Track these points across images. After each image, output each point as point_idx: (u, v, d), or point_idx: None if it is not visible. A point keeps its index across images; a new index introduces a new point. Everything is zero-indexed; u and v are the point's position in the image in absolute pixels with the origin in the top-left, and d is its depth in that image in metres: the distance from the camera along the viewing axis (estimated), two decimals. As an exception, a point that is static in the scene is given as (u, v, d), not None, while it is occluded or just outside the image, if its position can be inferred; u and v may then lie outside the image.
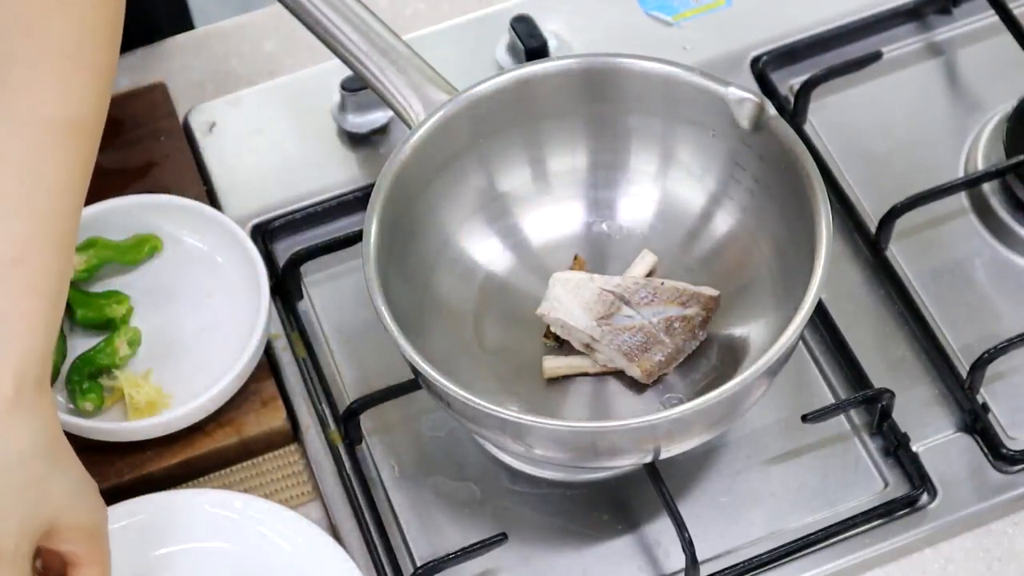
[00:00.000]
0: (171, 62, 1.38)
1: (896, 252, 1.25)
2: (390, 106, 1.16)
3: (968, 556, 1.15)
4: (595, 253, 1.21)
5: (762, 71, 1.34)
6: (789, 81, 1.35)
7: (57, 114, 0.99)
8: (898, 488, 1.16)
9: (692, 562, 1.10)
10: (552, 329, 1.15)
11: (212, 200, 1.29)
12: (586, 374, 1.16)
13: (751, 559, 1.12)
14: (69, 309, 1.21)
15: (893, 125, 1.33)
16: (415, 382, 1.13)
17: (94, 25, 1.01)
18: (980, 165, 1.29)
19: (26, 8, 0.99)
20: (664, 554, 1.14)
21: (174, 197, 1.25)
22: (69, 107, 0.99)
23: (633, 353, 1.13)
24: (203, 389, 1.16)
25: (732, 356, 1.14)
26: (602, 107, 1.19)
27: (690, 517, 1.11)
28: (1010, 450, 1.16)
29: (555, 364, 1.15)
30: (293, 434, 1.20)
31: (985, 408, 1.18)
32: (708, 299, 1.14)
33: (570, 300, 1.14)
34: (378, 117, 1.32)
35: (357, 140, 1.33)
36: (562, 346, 1.16)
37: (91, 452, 1.16)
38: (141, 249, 1.24)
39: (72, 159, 1.00)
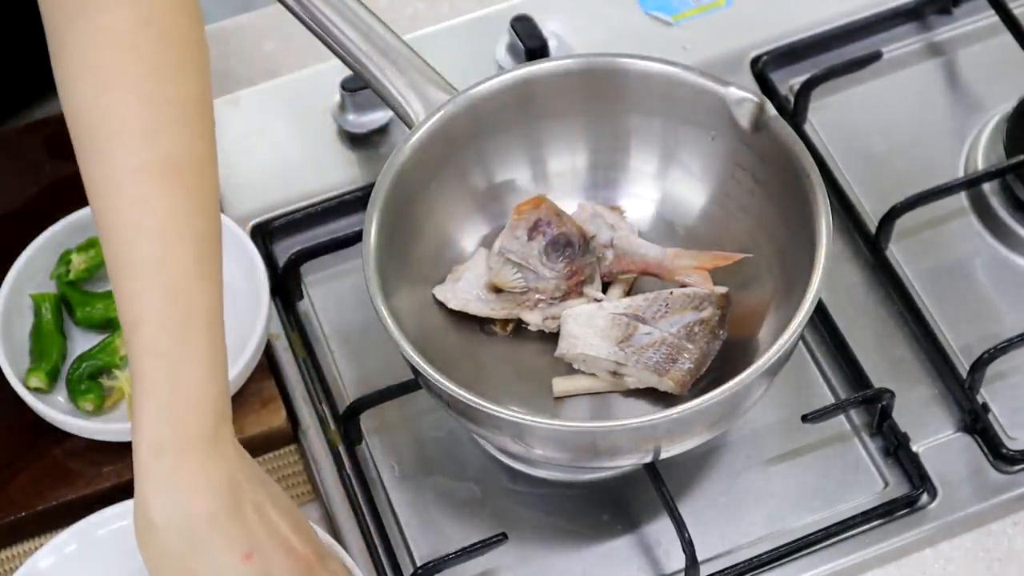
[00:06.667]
0: (171, 62, 1.38)
1: (896, 252, 1.25)
2: (390, 106, 1.16)
3: (968, 556, 1.15)
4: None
5: (762, 71, 1.34)
6: (789, 81, 1.35)
7: (145, 159, 0.96)
8: (898, 488, 1.16)
9: (692, 562, 1.10)
10: (575, 366, 1.15)
11: (212, 200, 1.29)
12: (596, 393, 1.15)
13: (751, 559, 1.12)
14: (69, 309, 1.22)
15: (893, 125, 1.33)
16: (415, 382, 1.13)
17: (165, 61, 0.98)
18: (980, 165, 1.29)
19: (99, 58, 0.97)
20: (664, 554, 1.14)
21: (174, 197, 1.24)
22: (159, 149, 0.96)
23: (661, 367, 1.12)
24: (203, 389, 1.16)
25: (732, 356, 1.13)
26: (602, 107, 1.19)
27: (690, 517, 1.11)
28: (1010, 450, 1.16)
29: (565, 386, 1.15)
30: (293, 434, 1.20)
31: (985, 408, 1.18)
32: (720, 297, 1.14)
33: (585, 332, 1.13)
34: (378, 117, 1.32)
35: (357, 140, 1.33)
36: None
37: (91, 452, 1.17)
38: (141, 249, 1.23)
39: (172, 197, 0.96)
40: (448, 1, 1.42)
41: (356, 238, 1.17)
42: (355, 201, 1.28)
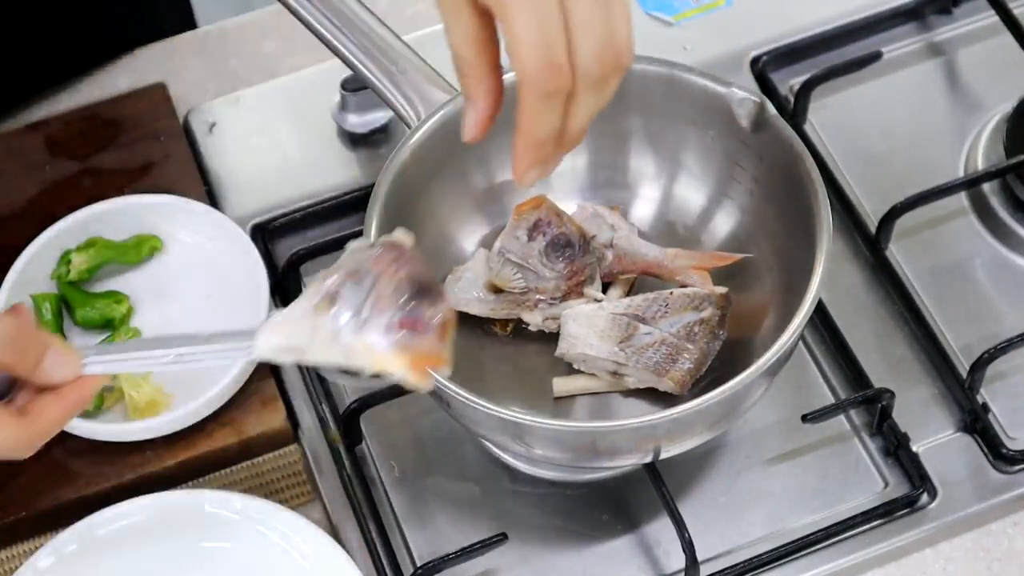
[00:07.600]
0: (171, 62, 1.38)
1: (896, 252, 1.25)
2: (390, 106, 1.16)
3: (968, 556, 1.15)
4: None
5: (762, 71, 1.34)
6: (789, 81, 1.35)
7: None
8: (898, 488, 1.16)
9: (692, 562, 1.10)
10: (575, 366, 1.15)
11: (212, 200, 1.29)
12: (596, 393, 1.15)
13: (751, 559, 1.12)
14: (69, 309, 1.21)
15: (893, 125, 1.33)
16: (415, 382, 1.13)
17: None
18: (980, 165, 1.29)
19: None
20: (664, 554, 1.14)
21: (174, 197, 1.25)
22: None
23: (661, 368, 1.12)
24: (203, 389, 1.16)
25: (732, 356, 1.14)
26: (602, 107, 1.19)
27: (690, 517, 1.11)
28: (1010, 450, 1.16)
29: (565, 386, 1.15)
30: (293, 434, 1.20)
31: (985, 408, 1.18)
32: (720, 297, 1.14)
33: (585, 332, 1.13)
34: (378, 117, 1.32)
35: (357, 140, 1.32)
36: None
37: (91, 452, 1.17)
38: (141, 249, 1.24)
39: None
40: (448, 1, 1.42)
41: (356, 238, 1.17)
42: (355, 201, 1.28)
